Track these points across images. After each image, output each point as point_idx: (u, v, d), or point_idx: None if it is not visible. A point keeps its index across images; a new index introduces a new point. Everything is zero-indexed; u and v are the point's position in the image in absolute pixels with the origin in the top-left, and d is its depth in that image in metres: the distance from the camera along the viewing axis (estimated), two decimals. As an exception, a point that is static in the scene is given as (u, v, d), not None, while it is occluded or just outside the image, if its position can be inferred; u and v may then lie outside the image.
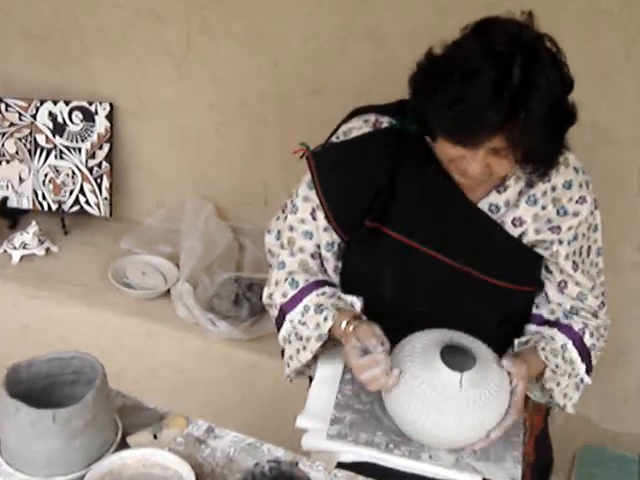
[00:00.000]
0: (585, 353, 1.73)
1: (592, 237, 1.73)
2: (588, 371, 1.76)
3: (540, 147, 1.48)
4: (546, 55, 1.44)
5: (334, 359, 1.76)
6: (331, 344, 1.75)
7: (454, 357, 1.56)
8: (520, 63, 1.39)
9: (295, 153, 1.74)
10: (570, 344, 1.71)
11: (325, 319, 1.67)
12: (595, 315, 1.75)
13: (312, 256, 1.77)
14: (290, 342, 1.75)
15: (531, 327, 1.76)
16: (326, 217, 1.71)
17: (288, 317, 1.74)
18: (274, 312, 1.79)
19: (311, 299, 1.71)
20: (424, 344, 1.58)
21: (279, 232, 1.81)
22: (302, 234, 1.75)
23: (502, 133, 1.43)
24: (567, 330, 1.73)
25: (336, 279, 1.80)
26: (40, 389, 1.43)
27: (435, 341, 1.58)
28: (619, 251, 2.35)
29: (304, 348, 1.71)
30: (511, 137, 1.43)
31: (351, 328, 1.62)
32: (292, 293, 1.73)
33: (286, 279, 1.75)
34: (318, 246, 1.76)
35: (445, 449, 1.59)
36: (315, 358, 1.79)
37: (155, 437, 1.48)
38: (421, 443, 1.59)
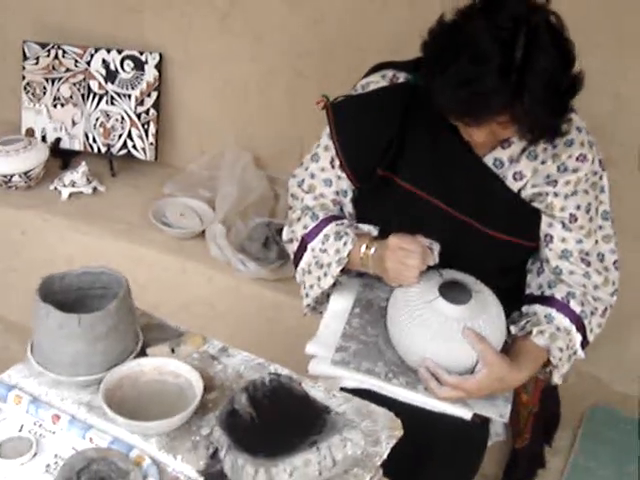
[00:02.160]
0: (578, 322, 1.73)
1: (598, 198, 1.76)
2: (583, 344, 1.76)
3: (542, 121, 1.53)
4: (548, 36, 1.48)
5: (345, 295, 1.87)
6: (338, 283, 1.86)
7: (452, 292, 1.66)
8: (522, 45, 1.44)
9: (317, 104, 1.84)
10: (554, 312, 1.72)
11: (345, 244, 1.77)
12: (583, 283, 1.74)
13: (332, 202, 1.87)
14: (310, 272, 1.85)
15: (523, 308, 1.77)
16: (340, 165, 1.81)
17: (309, 246, 1.83)
18: (294, 247, 1.89)
19: (330, 228, 1.81)
20: (426, 279, 1.69)
21: (302, 179, 1.90)
22: (322, 181, 1.86)
23: (505, 113, 1.50)
24: (549, 301, 1.74)
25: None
26: (71, 301, 1.55)
27: (437, 277, 1.69)
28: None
29: (325, 275, 1.81)
30: (513, 116, 1.50)
31: (372, 251, 1.72)
32: (312, 224, 1.83)
33: (307, 214, 1.86)
34: (337, 193, 1.86)
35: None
36: (328, 296, 1.91)
37: (173, 351, 1.59)
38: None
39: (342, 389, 1.66)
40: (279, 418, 1.35)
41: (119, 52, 2.97)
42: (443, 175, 1.75)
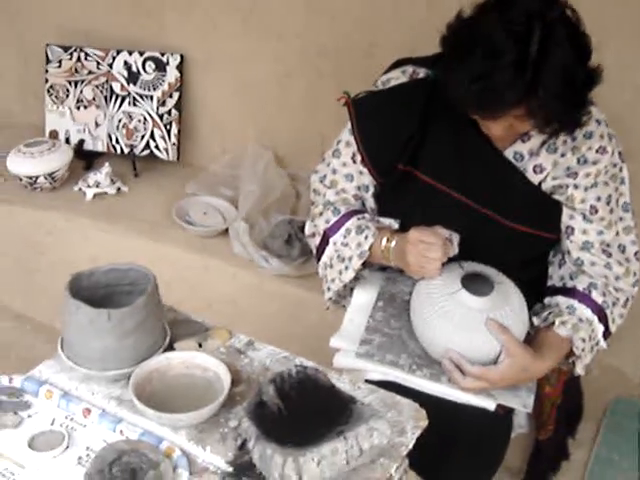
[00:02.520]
0: (600, 312, 1.74)
1: (618, 190, 1.76)
2: (605, 335, 1.77)
3: (558, 115, 1.55)
4: (563, 31, 1.48)
5: (368, 288, 1.89)
6: (361, 277, 1.88)
7: (474, 284, 1.67)
8: (537, 41, 1.45)
9: (338, 100, 1.86)
10: (576, 303, 1.73)
11: (366, 237, 1.79)
12: (605, 274, 1.75)
13: (354, 197, 1.89)
14: (332, 266, 1.87)
15: (545, 300, 1.79)
16: (362, 160, 1.83)
17: (332, 240, 1.86)
18: (316, 241, 1.91)
19: (352, 222, 1.83)
20: (448, 272, 1.70)
21: (324, 175, 1.92)
22: (344, 176, 1.88)
23: (520, 107, 1.51)
24: (571, 292, 1.75)
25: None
26: (100, 297, 1.57)
27: (458, 269, 1.71)
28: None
29: (346, 268, 1.83)
30: (529, 109, 1.52)
31: (392, 244, 1.75)
32: (334, 219, 1.86)
33: (329, 209, 1.88)
34: (359, 188, 1.88)
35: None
36: (351, 289, 1.93)
37: (200, 345, 1.62)
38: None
39: (367, 381, 1.67)
40: (306, 409, 1.37)
41: (141, 54, 3.01)
42: (464, 169, 1.76)
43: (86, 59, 3.07)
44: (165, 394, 1.48)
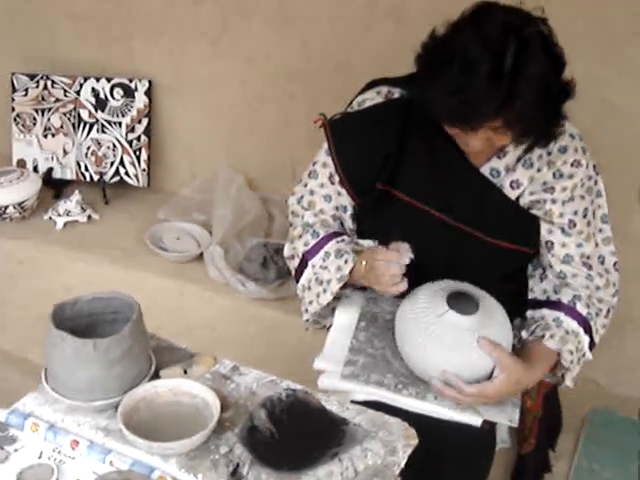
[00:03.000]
0: (585, 324, 1.77)
1: (595, 202, 1.80)
2: (590, 346, 1.81)
3: (535, 125, 1.58)
4: (537, 42, 1.52)
5: (350, 309, 1.90)
6: (344, 296, 1.89)
7: (459, 303, 1.68)
8: (512, 52, 1.48)
9: (315, 122, 1.87)
10: (562, 315, 1.76)
11: (345, 262, 1.80)
12: (588, 286, 1.78)
13: (332, 217, 1.89)
14: (310, 288, 1.88)
15: (528, 313, 1.83)
16: (340, 181, 1.84)
17: (310, 263, 1.86)
18: (295, 263, 1.91)
19: (331, 246, 1.84)
20: (430, 293, 1.72)
21: (302, 196, 1.93)
22: (322, 197, 1.88)
23: (498, 118, 1.54)
24: (556, 305, 1.78)
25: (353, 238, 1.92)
26: (83, 326, 1.56)
27: (440, 290, 1.72)
28: (628, 220, 2.41)
29: (324, 291, 1.84)
30: (506, 120, 1.54)
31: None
32: (313, 242, 1.86)
33: (308, 231, 1.88)
34: (337, 208, 1.89)
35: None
36: (332, 309, 1.93)
37: (185, 372, 1.61)
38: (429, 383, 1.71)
39: (352, 402, 1.66)
40: (299, 432, 1.38)
41: (108, 80, 3.00)
42: (441, 186, 1.78)
43: (53, 87, 3.06)
44: (153, 423, 1.47)
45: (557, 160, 1.73)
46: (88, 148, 3.06)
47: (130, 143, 3.01)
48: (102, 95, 3.01)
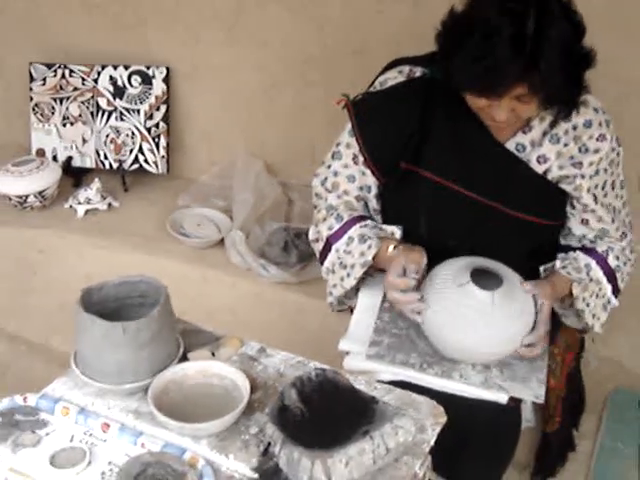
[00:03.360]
0: (610, 274, 1.84)
1: (615, 172, 1.83)
2: (615, 293, 1.87)
3: (559, 91, 1.60)
4: (557, 7, 1.55)
5: (374, 290, 1.91)
6: (369, 276, 1.90)
7: (482, 279, 1.69)
8: (533, 17, 1.50)
9: (338, 104, 1.87)
10: (594, 263, 1.83)
11: (369, 247, 1.81)
12: (620, 239, 1.86)
13: (356, 198, 1.90)
14: (334, 272, 1.89)
15: (559, 254, 1.86)
16: (365, 161, 1.85)
17: (334, 247, 1.87)
18: (319, 246, 1.92)
19: (354, 230, 1.85)
20: (454, 270, 1.72)
21: (325, 178, 1.93)
22: (346, 178, 1.89)
23: (522, 83, 1.55)
24: (590, 252, 1.84)
25: (377, 220, 1.93)
26: (110, 311, 1.56)
27: (464, 266, 1.72)
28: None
29: (348, 275, 1.85)
30: (531, 85, 1.56)
31: (401, 248, 1.78)
32: (337, 226, 1.87)
33: (332, 214, 1.89)
34: (361, 189, 1.89)
35: (479, 363, 1.73)
36: (356, 290, 1.94)
37: (213, 354, 1.62)
38: (456, 361, 1.73)
39: (378, 382, 1.68)
40: (329, 411, 1.38)
41: (126, 68, 3.01)
42: (466, 163, 1.79)
43: (70, 75, 3.07)
44: (183, 404, 1.47)
45: (583, 135, 1.75)
46: (107, 136, 3.07)
47: (149, 130, 3.01)
48: (120, 83, 3.02)
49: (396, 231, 1.84)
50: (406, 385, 1.67)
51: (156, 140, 3.01)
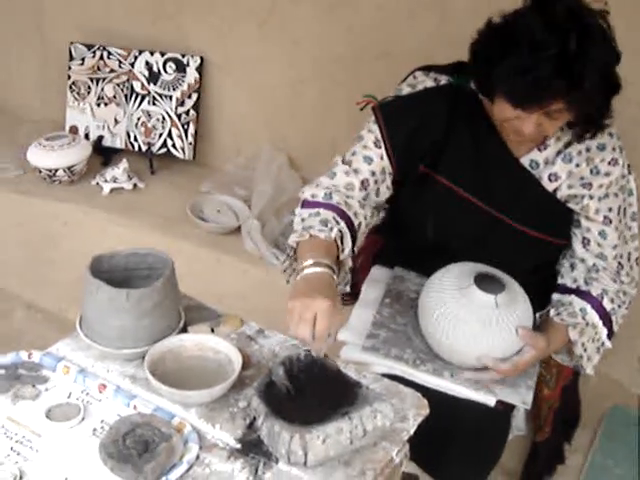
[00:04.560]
0: (605, 317, 1.84)
1: (627, 200, 1.85)
2: (609, 336, 1.87)
3: (594, 111, 1.64)
4: (598, 30, 1.59)
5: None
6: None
7: (485, 284, 1.73)
8: (575, 38, 1.53)
9: (359, 104, 1.91)
10: (589, 307, 1.82)
11: (320, 230, 1.71)
12: (615, 279, 1.85)
13: (362, 183, 1.83)
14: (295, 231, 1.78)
15: (555, 296, 1.88)
16: (390, 161, 1.83)
17: (297, 211, 1.82)
18: (299, 206, 1.85)
19: (327, 214, 1.76)
20: (457, 274, 1.77)
21: (344, 155, 1.87)
22: (362, 158, 1.84)
23: (564, 98, 1.58)
24: (585, 295, 1.84)
25: (368, 213, 1.87)
26: (119, 280, 1.62)
27: (467, 271, 1.77)
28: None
29: (295, 232, 1.76)
30: (570, 103, 1.59)
31: (309, 271, 1.62)
32: (320, 198, 1.80)
33: (326, 188, 1.83)
34: (373, 173, 1.84)
35: (472, 367, 1.76)
36: (353, 285, 1.92)
37: (212, 331, 1.68)
38: (449, 361, 1.77)
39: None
40: (313, 391, 1.44)
41: (162, 54, 3.07)
42: (481, 174, 1.82)
43: (109, 58, 3.14)
44: (178, 374, 1.53)
45: (595, 157, 1.78)
46: (138, 119, 3.14)
47: (179, 117, 3.08)
48: (155, 68, 3.09)
49: (347, 247, 1.75)
50: (400, 380, 1.69)
51: (185, 127, 3.07)
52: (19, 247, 3.07)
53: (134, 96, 3.14)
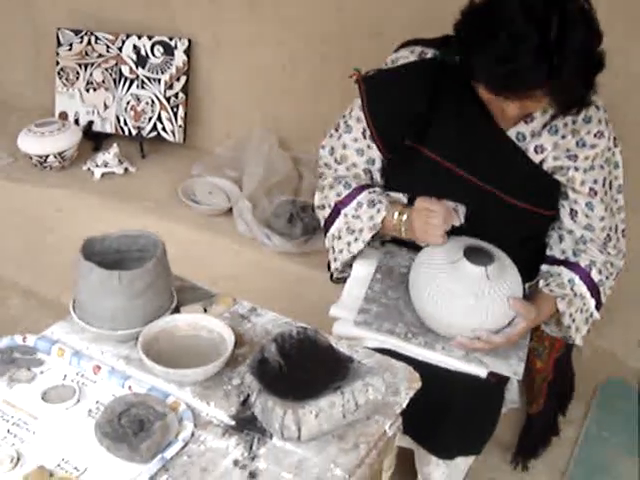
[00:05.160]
0: (594, 288, 1.88)
1: (613, 173, 1.87)
2: (597, 307, 1.90)
3: (576, 94, 1.65)
4: (578, 14, 1.58)
5: (367, 261, 1.97)
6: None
7: (474, 257, 1.75)
8: (556, 24, 1.53)
9: (350, 77, 1.92)
10: (577, 278, 1.86)
11: (378, 211, 1.86)
12: (602, 251, 1.87)
13: (364, 171, 1.95)
14: (340, 237, 1.94)
15: (543, 267, 1.91)
16: (371, 135, 1.90)
17: (343, 212, 1.93)
18: (326, 213, 1.97)
19: (364, 196, 1.90)
20: (446, 248, 1.78)
21: (332, 148, 1.98)
22: (355, 151, 1.93)
23: (541, 88, 1.59)
24: (573, 267, 1.87)
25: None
26: (111, 262, 1.64)
27: (456, 245, 1.78)
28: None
29: (356, 240, 1.91)
30: (550, 90, 1.60)
31: (404, 217, 1.83)
32: (346, 192, 1.93)
33: (340, 182, 1.94)
34: (368, 162, 1.94)
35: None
36: (350, 266, 2.00)
37: (205, 310, 1.70)
38: (442, 335, 1.78)
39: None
40: (306, 366, 1.45)
41: (149, 38, 3.06)
42: (468, 146, 1.84)
43: (96, 42, 3.13)
44: (172, 354, 1.55)
45: (581, 129, 1.79)
46: (128, 103, 3.13)
47: (168, 100, 3.07)
48: (143, 52, 3.08)
49: (402, 198, 1.90)
50: (392, 354, 1.71)
51: (174, 110, 3.06)
52: (14, 234, 3.07)
53: (123, 80, 3.13)
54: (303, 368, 1.45)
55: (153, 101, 3.09)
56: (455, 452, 1.86)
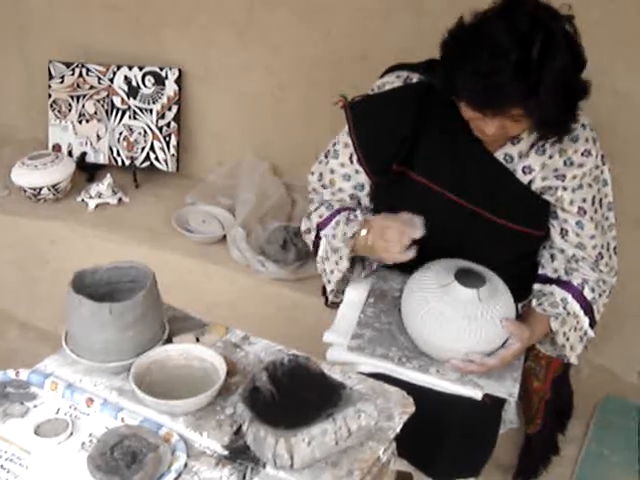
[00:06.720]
0: (587, 307, 1.87)
1: (602, 191, 1.86)
2: (592, 325, 1.90)
3: (552, 118, 1.65)
4: (562, 38, 1.59)
5: (360, 285, 1.97)
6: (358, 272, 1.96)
7: (465, 279, 1.75)
8: (539, 45, 1.55)
9: (336, 103, 1.94)
10: (570, 297, 1.85)
11: (352, 227, 1.85)
12: (594, 269, 1.87)
13: (350, 197, 1.96)
14: (328, 258, 1.95)
15: (536, 286, 1.91)
16: (358, 160, 1.91)
17: (322, 233, 1.94)
18: (312, 236, 1.99)
19: (342, 215, 1.91)
20: (437, 271, 1.78)
21: (321, 174, 2.00)
22: (341, 176, 1.95)
23: (520, 106, 1.61)
24: (566, 285, 1.87)
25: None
26: (102, 294, 1.64)
27: (447, 267, 1.78)
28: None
29: (341, 258, 1.91)
30: (528, 109, 1.61)
31: (363, 232, 1.81)
32: (327, 214, 1.94)
33: (323, 205, 1.96)
34: (355, 187, 1.95)
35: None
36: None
37: (197, 340, 1.69)
38: (436, 359, 1.78)
39: (359, 374, 1.72)
40: (297, 394, 1.44)
41: (140, 68, 3.08)
42: (456, 169, 1.84)
43: (87, 74, 3.15)
44: (164, 384, 1.54)
45: (568, 148, 1.79)
46: (120, 134, 3.14)
47: (160, 129, 3.08)
48: (134, 83, 3.09)
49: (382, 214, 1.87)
50: (387, 379, 1.72)
51: (167, 139, 3.08)
52: (9, 267, 3.08)
53: (115, 111, 3.14)
54: (295, 396, 1.44)
55: (145, 131, 3.11)
56: (453, 475, 1.85)
